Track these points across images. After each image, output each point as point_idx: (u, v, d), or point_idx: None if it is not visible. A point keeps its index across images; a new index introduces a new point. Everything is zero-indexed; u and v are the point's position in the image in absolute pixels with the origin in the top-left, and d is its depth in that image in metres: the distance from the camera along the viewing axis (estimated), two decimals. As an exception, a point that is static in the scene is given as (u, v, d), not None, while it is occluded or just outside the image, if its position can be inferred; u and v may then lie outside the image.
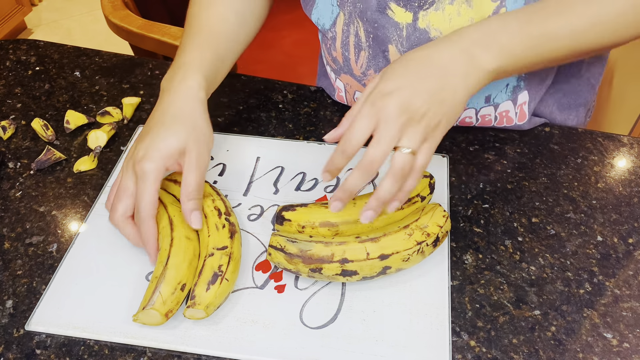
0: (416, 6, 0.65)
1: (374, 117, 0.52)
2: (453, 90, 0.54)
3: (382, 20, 0.67)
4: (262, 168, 0.71)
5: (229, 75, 0.73)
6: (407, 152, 0.52)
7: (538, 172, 0.72)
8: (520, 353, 0.55)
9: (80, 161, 0.72)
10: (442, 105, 0.54)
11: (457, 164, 0.73)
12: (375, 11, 0.67)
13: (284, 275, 0.61)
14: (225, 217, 0.61)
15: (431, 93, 0.53)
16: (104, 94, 0.83)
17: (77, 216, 0.67)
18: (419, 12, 0.65)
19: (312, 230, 0.60)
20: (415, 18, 0.66)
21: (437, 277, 0.60)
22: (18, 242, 0.64)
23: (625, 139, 0.77)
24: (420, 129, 0.52)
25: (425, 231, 0.58)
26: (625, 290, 0.60)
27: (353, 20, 0.70)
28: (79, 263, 0.62)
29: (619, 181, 0.71)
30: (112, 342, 0.56)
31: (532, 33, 0.58)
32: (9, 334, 0.57)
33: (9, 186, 0.70)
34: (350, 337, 0.55)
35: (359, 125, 0.53)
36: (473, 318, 0.58)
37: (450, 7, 0.64)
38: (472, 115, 0.74)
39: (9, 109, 0.81)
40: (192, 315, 0.55)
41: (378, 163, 0.52)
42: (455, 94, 0.55)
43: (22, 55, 0.90)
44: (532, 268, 0.62)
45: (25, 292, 0.60)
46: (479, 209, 0.68)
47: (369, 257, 0.56)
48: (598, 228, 0.66)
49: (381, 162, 0.52)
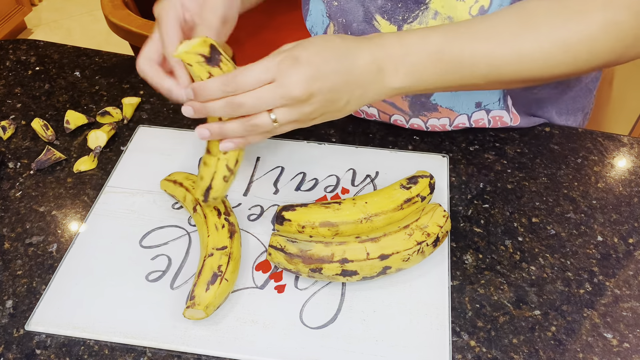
0: (400, 19, 0.65)
1: (273, 74, 0.51)
2: (347, 100, 0.55)
3: (369, 30, 0.68)
4: (262, 168, 0.71)
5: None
6: (273, 117, 0.53)
7: (538, 172, 0.72)
8: (521, 353, 0.55)
9: (80, 161, 0.72)
10: (331, 105, 0.54)
11: (457, 164, 0.73)
12: (362, 22, 0.68)
13: (284, 275, 0.61)
14: (224, 217, 0.61)
15: (330, 88, 0.53)
16: (104, 94, 0.83)
17: (77, 216, 0.67)
18: (403, 25, 0.66)
19: (312, 230, 0.60)
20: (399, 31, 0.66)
21: (437, 277, 0.60)
22: (18, 242, 0.64)
23: (625, 139, 0.77)
24: (299, 114, 0.53)
25: (425, 231, 0.58)
26: (626, 290, 0.60)
27: (341, 31, 0.71)
28: (79, 263, 0.62)
29: (619, 181, 0.71)
30: (112, 342, 0.56)
31: (449, 56, 0.55)
32: (9, 334, 0.57)
33: (9, 186, 0.70)
34: (350, 337, 0.55)
35: (256, 70, 0.52)
36: (473, 318, 0.58)
37: (433, 22, 0.64)
38: (464, 122, 0.74)
39: (9, 109, 0.81)
40: (191, 315, 0.55)
41: (244, 110, 0.52)
42: (348, 104, 0.55)
43: (22, 55, 0.90)
44: (532, 268, 0.62)
45: (25, 292, 0.60)
46: (479, 209, 0.68)
47: (369, 257, 0.56)
48: (598, 228, 0.66)
49: (246, 111, 0.52)
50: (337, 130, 0.77)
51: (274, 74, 0.51)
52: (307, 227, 0.60)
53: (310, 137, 0.76)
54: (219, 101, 0.53)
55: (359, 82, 0.54)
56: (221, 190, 0.58)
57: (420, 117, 0.73)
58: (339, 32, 0.71)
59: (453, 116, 0.73)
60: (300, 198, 0.68)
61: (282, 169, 0.71)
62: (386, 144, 0.75)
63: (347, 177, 0.70)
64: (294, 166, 0.72)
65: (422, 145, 0.75)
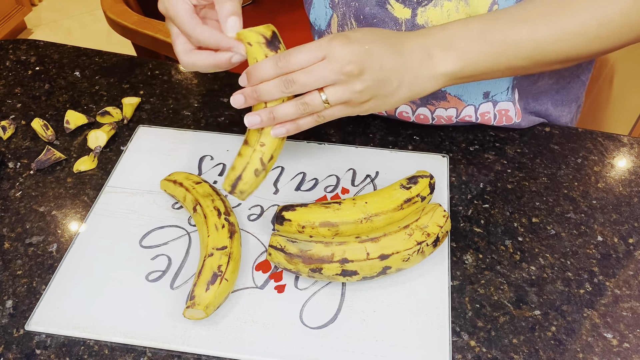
0: (415, 2, 0.66)
1: (324, 51, 0.52)
2: (398, 84, 0.55)
3: (381, 14, 0.68)
4: (262, 168, 0.71)
5: (229, 75, 0.73)
6: (324, 98, 0.53)
7: (538, 172, 0.72)
8: (521, 353, 0.55)
9: (80, 161, 0.72)
10: (382, 86, 0.54)
11: (457, 164, 0.73)
12: (375, 5, 0.68)
13: (284, 275, 0.61)
14: (224, 217, 0.61)
15: (381, 66, 0.53)
16: (104, 94, 0.83)
17: (77, 216, 0.67)
18: (417, 8, 0.66)
19: (312, 230, 0.60)
20: (414, 14, 0.66)
21: (437, 277, 0.60)
22: (18, 242, 0.64)
23: (625, 139, 0.77)
24: (349, 93, 0.53)
25: (425, 231, 0.58)
26: (626, 290, 0.60)
27: (347, 21, 0.71)
28: (79, 263, 0.62)
29: (619, 181, 0.71)
30: (112, 342, 0.56)
31: (492, 39, 0.57)
32: (9, 334, 0.57)
33: (9, 186, 0.70)
34: (350, 337, 0.55)
35: (308, 47, 0.52)
36: (473, 318, 0.58)
37: (448, 4, 0.64)
38: (471, 114, 0.74)
39: (9, 109, 0.81)
40: (191, 315, 0.55)
41: (296, 87, 0.52)
42: (399, 89, 0.55)
43: (22, 55, 0.90)
44: (532, 268, 0.62)
45: (25, 292, 0.60)
46: (479, 209, 0.68)
47: (369, 257, 0.56)
48: (598, 228, 0.66)
49: (298, 88, 0.52)
50: (337, 130, 0.77)
51: (325, 51, 0.52)
52: (307, 227, 0.60)
53: (310, 137, 0.76)
54: (272, 81, 0.53)
55: (408, 66, 0.55)
56: (250, 183, 0.57)
57: (427, 107, 0.73)
58: (342, 23, 0.71)
59: (461, 106, 0.73)
60: (300, 198, 0.68)
61: (282, 169, 0.71)
62: (386, 144, 0.75)
63: (347, 177, 0.70)
64: (294, 166, 0.72)
65: (422, 145, 0.75)
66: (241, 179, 0.56)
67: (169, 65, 0.88)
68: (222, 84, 0.84)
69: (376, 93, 0.54)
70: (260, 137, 0.56)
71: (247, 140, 0.57)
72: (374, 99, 0.55)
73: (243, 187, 0.57)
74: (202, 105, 0.81)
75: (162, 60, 0.90)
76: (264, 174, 0.57)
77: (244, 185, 0.56)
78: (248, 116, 0.55)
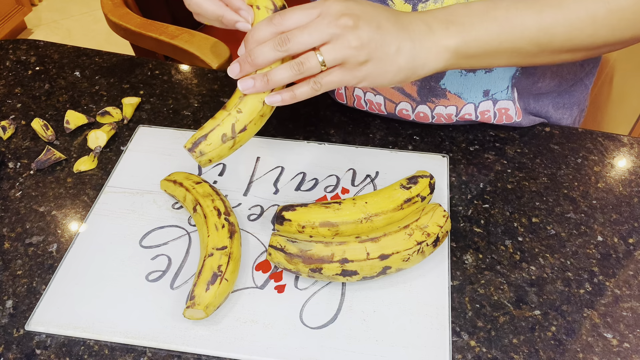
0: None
1: (319, 10, 0.51)
2: (397, 48, 0.53)
3: None
4: (262, 168, 0.71)
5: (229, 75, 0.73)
6: (320, 59, 0.51)
7: (538, 172, 0.72)
8: (521, 353, 0.55)
9: (80, 161, 0.72)
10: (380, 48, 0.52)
11: (457, 164, 0.73)
12: (376, 1, 0.67)
13: (284, 275, 0.61)
14: (224, 217, 0.61)
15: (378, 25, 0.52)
16: (104, 94, 0.83)
17: (77, 216, 0.67)
18: (418, 4, 0.66)
19: (312, 230, 0.60)
20: (414, 10, 0.66)
21: (437, 277, 0.60)
22: (18, 242, 0.64)
23: (625, 139, 0.77)
24: (346, 51, 0.51)
25: (425, 231, 0.58)
26: (626, 290, 0.60)
27: None
28: (79, 263, 0.62)
29: (619, 181, 0.71)
30: (112, 342, 0.56)
31: (496, 16, 0.56)
32: (9, 334, 0.57)
33: (9, 186, 0.70)
34: (350, 337, 0.55)
35: (301, 7, 0.51)
36: (473, 318, 0.58)
37: (448, 0, 0.64)
38: (471, 112, 0.74)
39: (9, 109, 0.81)
40: (191, 315, 0.55)
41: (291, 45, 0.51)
42: (398, 53, 0.53)
43: (22, 55, 0.90)
44: (532, 268, 0.62)
45: (25, 292, 0.60)
46: (479, 209, 0.68)
47: (369, 257, 0.56)
48: (598, 228, 0.66)
49: (293, 47, 0.51)
50: (337, 130, 0.77)
51: (320, 9, 0.51)
52: (307, 227, 0.60)
53: (310, 137, 0.76)
54: (267, 42, 0.52)
55: (408, 32, 0.53)
56: (213, 146, 0.53)
57: (427, 104, 0.73)
58: None
59: (460, 104, 0.73)
60: (300, 198, 0.68)
61: (282, 169, 0.71)
62: (386, 144, 0.75)
63: (347, 177, 0.70)
64: (294, 166, 0.72)
65: (422, 145, 0.75)
66: (205, 139, 0.53)
67: (169, 65, 0.88)
68: (222, 84, 0.84)
69: (373, 55, 0.52)
70: (239, 104, 0.54)
71: (226, 105, 0.55)
72: (371, 61, 0.52)
73: (204, 149, 0.54)
74: (202, 105, 0.81)
75: (162, 60, 0.90)
76: (231, 143, 0.54)
77: (207, 146, 0.53)
78: (241, 81, 0.53)
